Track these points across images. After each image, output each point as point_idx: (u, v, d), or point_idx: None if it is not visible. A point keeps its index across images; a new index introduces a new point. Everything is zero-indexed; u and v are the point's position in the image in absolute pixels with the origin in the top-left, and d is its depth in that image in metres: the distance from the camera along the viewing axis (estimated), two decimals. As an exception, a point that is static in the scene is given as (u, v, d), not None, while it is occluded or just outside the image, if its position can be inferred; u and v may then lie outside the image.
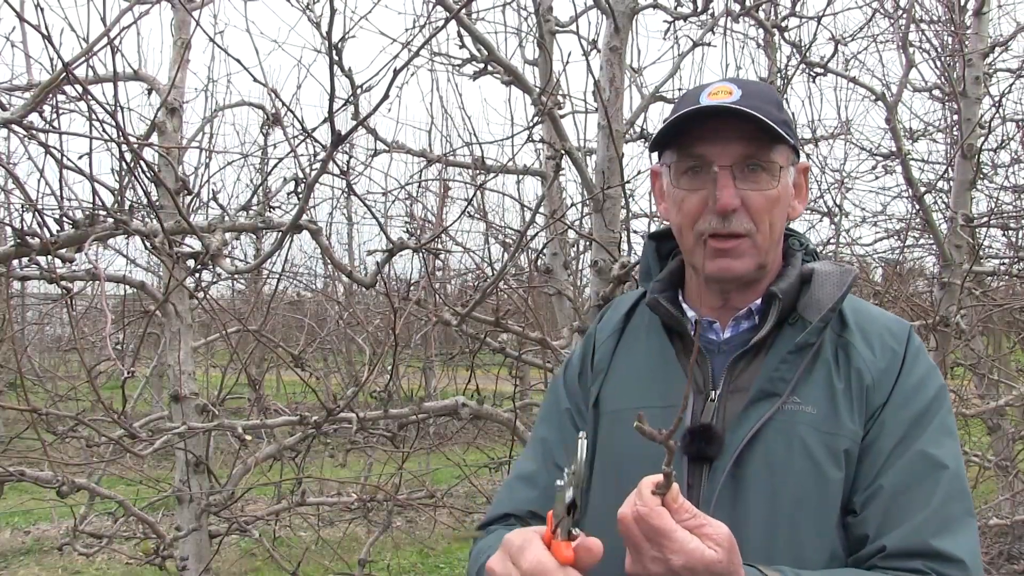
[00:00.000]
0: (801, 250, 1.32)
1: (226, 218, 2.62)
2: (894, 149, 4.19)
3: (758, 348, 1.23)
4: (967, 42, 3.73)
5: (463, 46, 2.81)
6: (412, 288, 3.23)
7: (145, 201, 2.72)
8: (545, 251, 3.63)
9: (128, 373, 1.84)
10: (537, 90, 2.67)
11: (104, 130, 2.09)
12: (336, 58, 1.79)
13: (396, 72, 1.75)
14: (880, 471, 1.14)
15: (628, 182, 3.17)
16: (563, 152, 2.57)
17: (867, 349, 1.21)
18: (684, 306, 1.31)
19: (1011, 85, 4.60)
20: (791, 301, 1.24)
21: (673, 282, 1.34)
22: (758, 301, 1.26)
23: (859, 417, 1.17)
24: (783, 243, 1.31)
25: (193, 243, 2.41)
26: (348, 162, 3.60)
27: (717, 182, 1.18)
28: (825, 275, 1.25)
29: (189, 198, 3.21)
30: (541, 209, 3.78)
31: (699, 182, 1.22)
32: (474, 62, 3.05)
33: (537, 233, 3.61)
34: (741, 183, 1.20)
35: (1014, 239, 5.50)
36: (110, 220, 2.18)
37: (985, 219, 4.34)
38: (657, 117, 5.98)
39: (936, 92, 5.20)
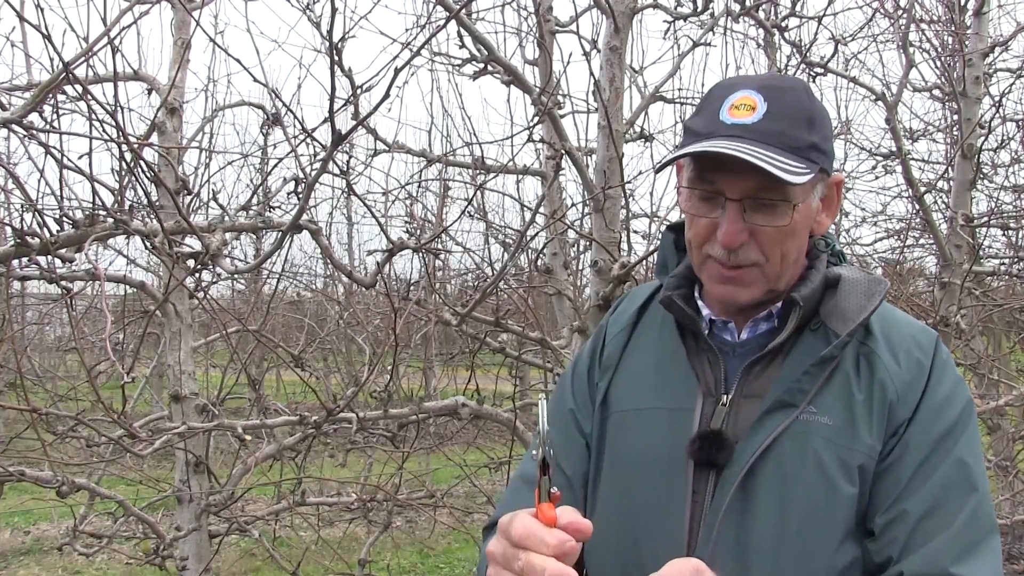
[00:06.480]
0: (827, 251, 1.25)
1: (226, 218, 2.62)
2: (894, 149, 4.19)
3: (775, 353, 1.19)
4: (967, 42, 3.73)
5: (463, 46, 2.81)
6: (412, 288, 3.23)
7: (145, 201, 2.72)
8: (545, 251, 3.63)
9: (129, 378, 1.83)
10: (537, 90, 2.67)
11: (104, 130, 2.10)
12: (336, 58, 1.79)
13: (396, 72, 1.76)
14: (903, 493, 1.10)
15: (628, 182, 3.18)
16: (563, 152, 2.58)
17: (892, 360, 1.15)
18: (700, 304, 1.25)
19: (1011, 85, 4.60)
20: (813, 306, 1.19)
21: (690, 278, 1.27)
22: (779, 304, 1.21)
23: (878, 432, 1.12)
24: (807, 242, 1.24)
25: (193, 243, 2.41)
26: (348, 162, 3.60)
27: (726, 215, 1.13)
28: (853, 283, 1.19)
29: (189, 198, 3.21)
30: (541, 209, 3.78)
31: (708, 208, 1.16)
32: (474, 62, 3.05)
33: (537, 233, 3.61)
34: (752, 215, 1.13)
35: (1014, 239, 5.49)
36: (110, 220, 2.18)
37: (985, 219, 4.34)
38: (657, 117, 5.97)
39: (936, 92, 5.19)
